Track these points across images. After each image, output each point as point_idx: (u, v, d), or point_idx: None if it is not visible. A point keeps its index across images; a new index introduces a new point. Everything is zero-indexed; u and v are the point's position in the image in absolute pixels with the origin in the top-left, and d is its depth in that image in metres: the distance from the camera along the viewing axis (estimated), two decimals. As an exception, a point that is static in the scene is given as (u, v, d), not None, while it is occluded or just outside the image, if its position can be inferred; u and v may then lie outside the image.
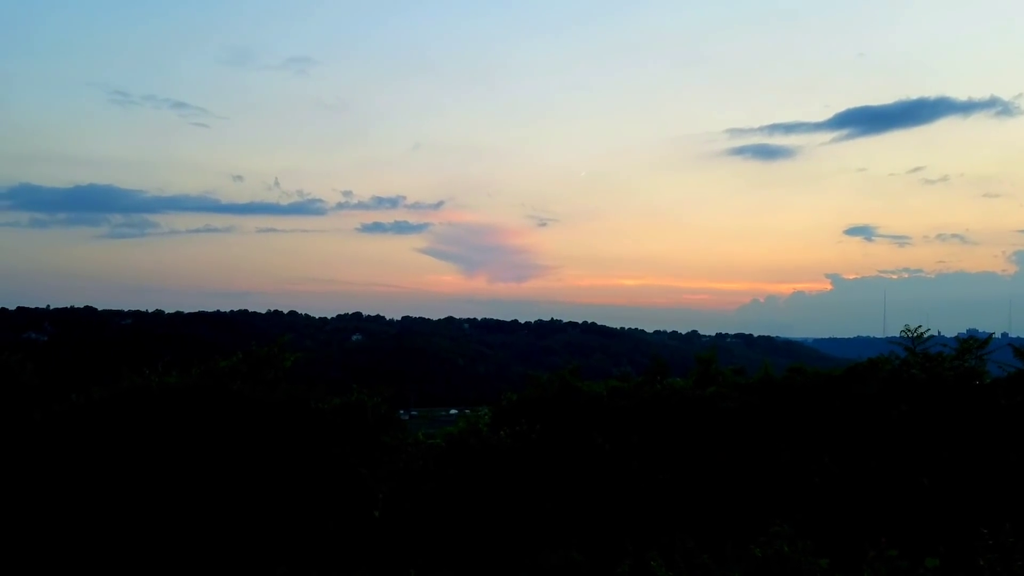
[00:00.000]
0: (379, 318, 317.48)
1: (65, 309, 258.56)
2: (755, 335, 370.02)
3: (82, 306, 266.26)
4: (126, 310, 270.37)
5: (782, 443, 16.18)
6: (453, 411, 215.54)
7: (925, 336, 20.96)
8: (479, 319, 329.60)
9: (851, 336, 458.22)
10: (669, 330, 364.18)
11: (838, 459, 15.83)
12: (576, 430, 16.76)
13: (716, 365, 20.84)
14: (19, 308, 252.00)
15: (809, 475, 15.41)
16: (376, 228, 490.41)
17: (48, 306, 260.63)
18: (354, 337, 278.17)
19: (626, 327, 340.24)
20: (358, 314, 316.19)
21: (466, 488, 15.44)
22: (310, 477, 15.89)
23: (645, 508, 14.98)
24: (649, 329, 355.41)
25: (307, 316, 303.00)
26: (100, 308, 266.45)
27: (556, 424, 17.10)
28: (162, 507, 15.17)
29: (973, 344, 20.97)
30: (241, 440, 16.00)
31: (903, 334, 20.53)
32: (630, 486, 15.34)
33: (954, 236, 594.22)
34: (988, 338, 21.14)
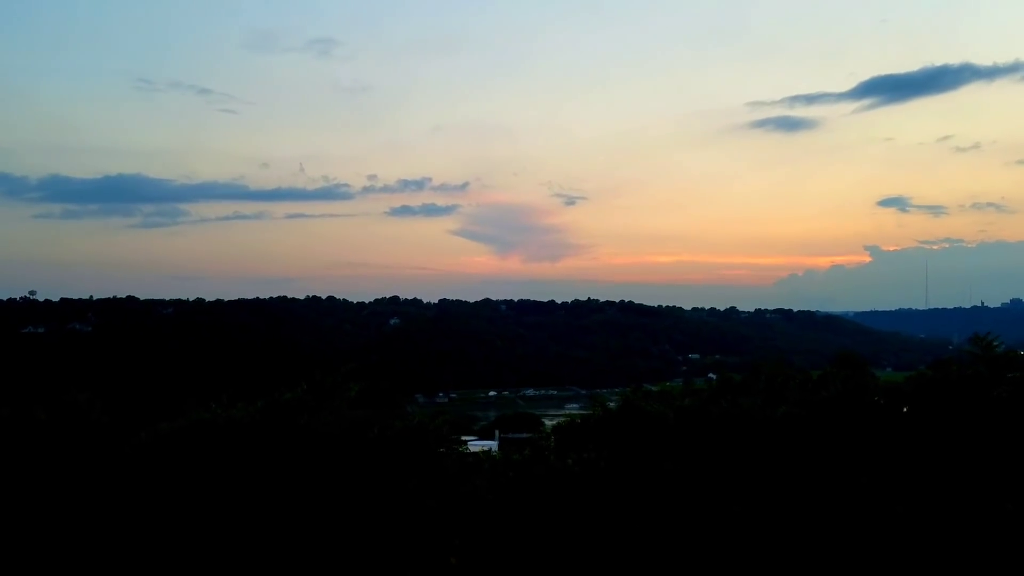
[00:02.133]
0: (416, 301, 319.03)
1: (108, 299, 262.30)
2: (795, 310, 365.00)
3: (124, 296, 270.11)
4: (167, 299, 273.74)
5: (859, 467, 15.80)
6: (492, 393, 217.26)
7: (995, 344, 20.49)
8: (515, 300, 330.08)
9: (893, 308, 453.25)
10: (707, 307, 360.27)
11: (917, 483, 15.44)
12: (645, 456, 16.49)
13: (781, 378, 20.46)
14: (63, 299, 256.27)
15: (890, 502, 15.03)
16: (405, 211, 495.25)
17: (91, 296, 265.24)
18: (392, 321, 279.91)
19: (663, 305, 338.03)
20: (395, 298, 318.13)
21: (535, 521, 15.27)
22: (376, 508, 15.81)
23: (722, 542, 14.72)
24: (687, 306, 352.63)
25: (345, 301, 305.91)
26: (142, 298, 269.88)
27: (623, 449, 16.86)
28: (225, 543, 15.19)
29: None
30: (306, 471, 15.95)
31: (973, 345, 20.08)
32: (705, 519, 15.06)
33: (990, 205, 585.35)
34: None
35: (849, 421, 17.05)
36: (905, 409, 18.20)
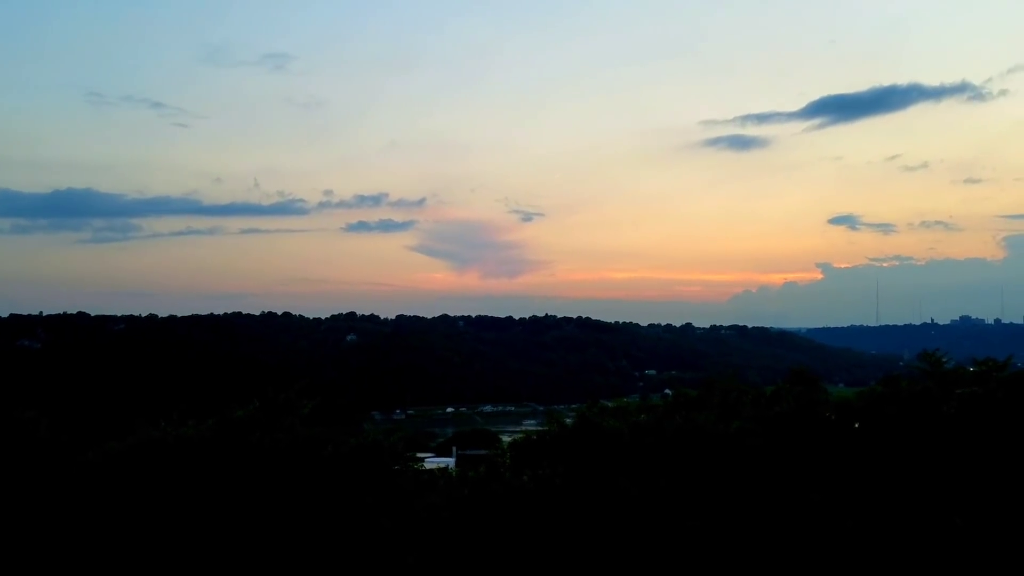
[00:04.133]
0: (373, 317, 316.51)
1: (58, 316, 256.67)
2: (749, 326, 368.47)
3: (75, 312, 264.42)
4: (119, 315, 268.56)
5: (811, 482, 15.96)
6: (449, 409, 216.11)
7: (944, 361, 21.05)
8: (473, 316, 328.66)
9: (844, 325, 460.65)
10: (663, 323, 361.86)
11: (867, 499, 15.63)
12: (600, 472, 16.49)
13: (735, 394, 20.72)
14: (12, 315, 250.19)
15: (841, 517, 15.18)
16: (361, 227, 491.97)
17: (41, 313, 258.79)
18: (349, 337, 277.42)
19: (620, 321, 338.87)
20: (352, 314, 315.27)
21: (491, 540, 15.17)
22: (330, 528, 15.62)
23: (676, 558, 14.74)
24: (643, 323, 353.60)
25: (301, 317, 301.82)
26: (93, 314, 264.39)
27: (579, 465, 16.84)
28: (175, 564, 14.89)
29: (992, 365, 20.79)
30: (258, 489, 15.73)
31: (922, 361, 20.62)
32: (660, 535, 15.08)
33: (938, 223, 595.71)
34: (1007, 361, 20.86)
35: (801, 436, 17.26)
36: (856, 425, 18.48)
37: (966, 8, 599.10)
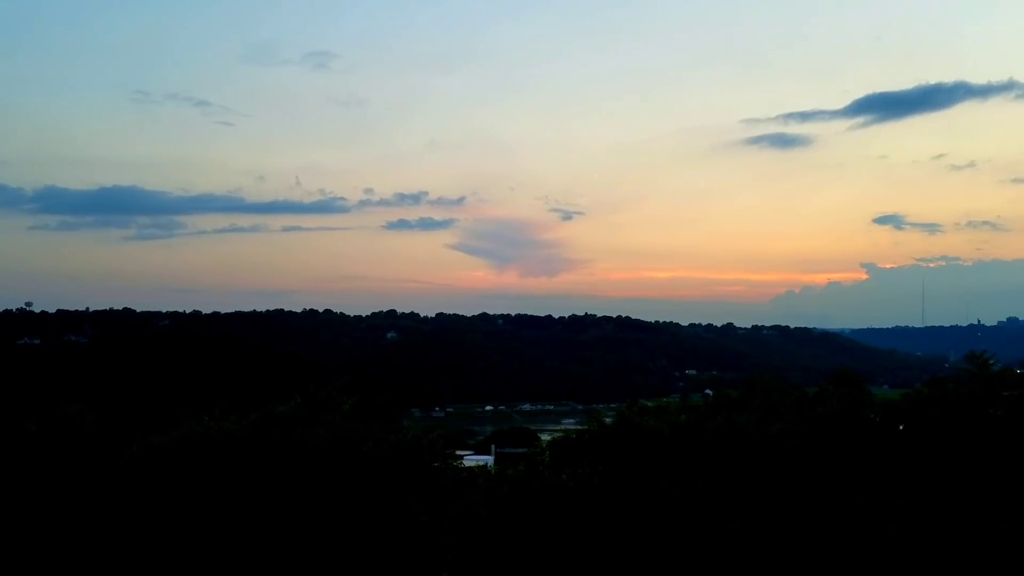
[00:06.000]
0: (413, 315, 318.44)
1: (105, 311, 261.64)
2: (792, 327, 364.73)
3: (121, 308, 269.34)
4: (164, 311, 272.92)
5: (854, 485, 15.73)
6: (489, 407, 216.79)
7: (991, 362, 20.55)
8: (513, 314, 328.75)
9: (890, 326, 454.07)
10: (704, 323, 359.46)
11: (912, 502, 15.36)
12: (640, 472, 16.41)
13: (777, 395, 20.49)
14: (59, 311, 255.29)
15: (885, 521, 14.94)
16: (402, 225, 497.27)
17: (88, 308, 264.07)
18: (389, 335, 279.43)
19: (660, 320, 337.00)
20: (393, 311, 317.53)
21: (530, 537, 15.16)
22: (370, 523, 15.72)
23: (717, 560, 14.62)
24: (684, 322, 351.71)
25: (342, 314, 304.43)
26: (139, 310, 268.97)
27: (618, 464, 16.77)
28: (217, 557, 15.08)
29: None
30: (299, 484, 15.87)
31: (969, 363, 20.14)
32: (700, 536, 14.96)
33: (985, 223, 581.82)
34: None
35: (845, 438, 17.00)
36: (901, 427, 18.17)
37: (1014, 4, 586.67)
